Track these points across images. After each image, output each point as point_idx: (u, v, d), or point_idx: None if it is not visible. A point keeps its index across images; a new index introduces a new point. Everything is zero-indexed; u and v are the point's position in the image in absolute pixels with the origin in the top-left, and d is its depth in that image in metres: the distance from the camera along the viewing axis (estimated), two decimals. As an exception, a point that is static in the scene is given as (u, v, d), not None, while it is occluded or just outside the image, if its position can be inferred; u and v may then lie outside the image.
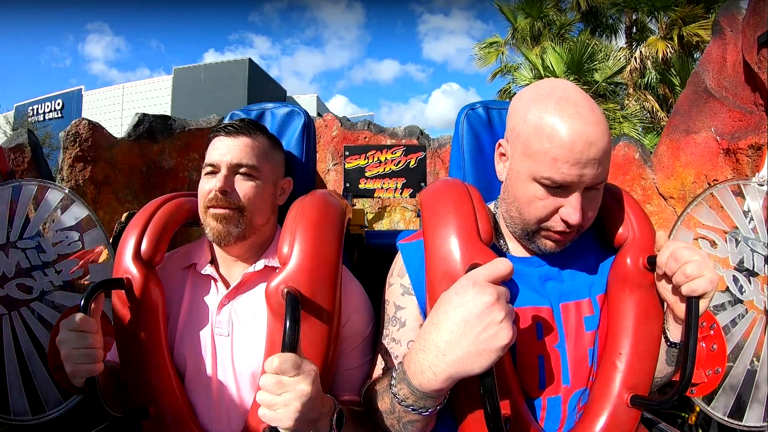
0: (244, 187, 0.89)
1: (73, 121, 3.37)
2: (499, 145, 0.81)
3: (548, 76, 8.41)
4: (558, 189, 0.71)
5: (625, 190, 0.89)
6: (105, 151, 3.52)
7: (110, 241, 1.85)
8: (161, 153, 4.00)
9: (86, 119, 3.36)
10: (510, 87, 10.27)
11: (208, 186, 0.89)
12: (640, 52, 9.23)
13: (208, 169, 0.90)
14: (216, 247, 0.94)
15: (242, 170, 0.89)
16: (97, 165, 3.50)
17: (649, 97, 9.09)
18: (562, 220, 0.72)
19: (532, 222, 0.75)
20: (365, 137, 5.12)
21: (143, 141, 3.84)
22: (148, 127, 3.89)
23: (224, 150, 0.90)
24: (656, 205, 3.44)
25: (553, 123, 0.69)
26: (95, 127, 3.42)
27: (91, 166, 3.46)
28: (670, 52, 8.80)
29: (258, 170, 0.91)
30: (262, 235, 0.94)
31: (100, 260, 1.85)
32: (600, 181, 0.72)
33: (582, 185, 0.70)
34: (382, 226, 5.26)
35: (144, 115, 3.91)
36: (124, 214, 2.21)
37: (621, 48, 9.76)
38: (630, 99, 9.23)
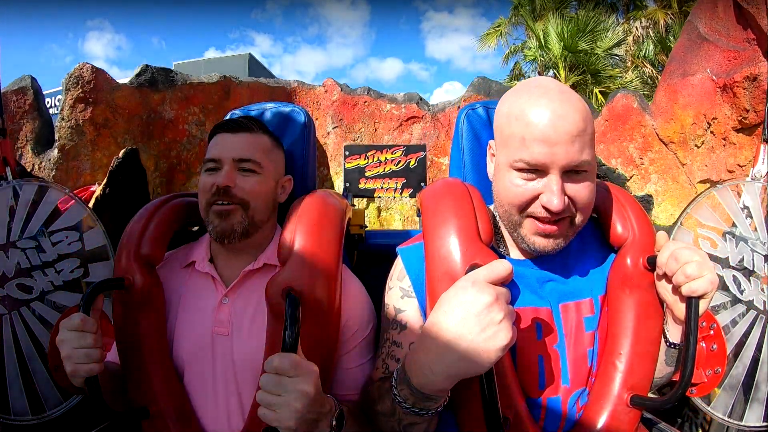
0: (247, 182, 0.89)
1: (77, 64, 3.40)
2: (490, 146, 0.82)
3: (549, 48, 8.65)
4: (533, 173, 0.70)
5: (625, 190, 0.88)
6: (106, 94, 3.56)
7: (106, 177, 1.85)
8: (162, 103, 4.03)
9: (89, 63, 3.38)
10: (519, 65, 11.00)
11: (209, 181, 0.88)
12: (641, 21, 9.52)
13: (210, 165, 0.90)
14: (215, 246, 0.94)
15: (245, 165, 0.89)
16: (98, 107, 3.52)
17: (647, 65, 9.31)
18: (544, 207, 0.71)
19: (514, 211, 0.74)
20: (365, 101, 5.13)
21: (144, 89, 3.88)
22: (150, 77, 3.92)
23: (226, 145, 0.90)
24: (657, 152, 3.44)
25: (521, 106, 0.71)
26: (98, 71, 3.46)
27: (92, 108, 3.48)
28: (670, 19, 9.08)
29: (260, 166, 0.91)
30: (263, 232, 0.94)
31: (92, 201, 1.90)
32: (579, 162, 0.69)
33: (557, 165, 0.68)
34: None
35: (147, 65, 3.94)
36: (122, 151, 2.20)
37: (621, 23, 10.14)
38: (628, 70, 9.49)
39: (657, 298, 0.78)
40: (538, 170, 0.70)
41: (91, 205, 2.06)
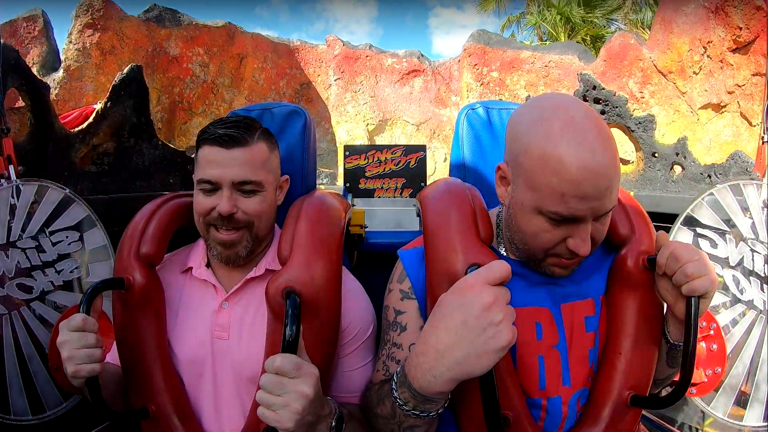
0: (250, 204, 0.84)
1: (89, -5, 3.52)
2: (499, 168, 0.77)
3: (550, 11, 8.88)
4: (565, 221, 0.68)
5: (627, 191, 0.88)
6: (115, 22, 3.77)
7: (109, 92, 1.84)
8: (167, 39, 4.18)
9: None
10: (514, 36, 11.57)
11: (207, 204, 0.83)
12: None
13: (207, 186, 0.84)
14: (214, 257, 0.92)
15: (246, 188, 0.84)
16: (106, 33, 3.69)
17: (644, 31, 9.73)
18: (569, 250, 0.70)
19: (539, 252, 0.73)
20: (366, 55, 5.22)
21: (151, 24, 4.07)
22: (158, 14, 4.06)
23: (223, 166, 0.82)
24: (656, 84, 3.52)
25: (558, 155, 0.64)
26: (107, 2, 3.64)
27: (100, 34, 3.64)
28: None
29: (261, 184, 0.86)
30: (265, 242, 0.93)
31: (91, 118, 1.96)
32: (611, 208, 0.69)
33: (591, 216, 0.68)
34: (383, 139, 5.32)
35: (155, 4, 4.14)
36: (127, 68, 2.18)
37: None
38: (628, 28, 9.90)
39: (657, 298, 0.77)
40: (569, 219, 0.68)
41: (91, 119, 2.06)
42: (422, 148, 2.34)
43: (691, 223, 1.45)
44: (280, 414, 0.62)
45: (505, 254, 0.82)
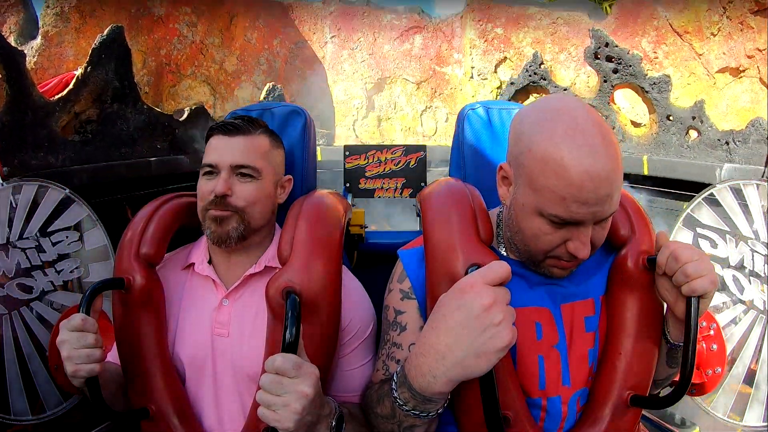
0: (244, 189, 0.88)
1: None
2: (501, 168, 0.76)
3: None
4: (565, 224, 0.68)
5: (626, 192, 0.88)
6: None
7: (89, 56, 1.78)
8: None
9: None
10: None
11: (207, 187, 0.88)
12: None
13: (207, 169, 0.89)
14: (213, 248, 0.93)
15: (243, 171, 0.88)
16: None
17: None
18: (569, 253, 0.70)
19: (539, 254, 0.73)
20: (364, 11, 5.13)
21: None
22: None
23: (223, 150, 0.88)
24: (671, 44, 3.37)
25: (561, 158, 0.64)
26: None
27: None
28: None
29: (258, 171, 0.89)
30: (262, 235, 0.93)
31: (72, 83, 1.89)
32: (611, 213, 0.68)
33: (592, 221, 0.67)
34: (381, 99, 5.20)
35: None
36: (107, 29, 2.11)
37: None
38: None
39: (657, 298, 0.78)
40: (570, 222, 0.68)
41: (71, 86, 2.00)
42: (422, 149, 2.33)
43: (691, 223, 1.46)
44: (280, 414, 0.62)
45: (505, 254, 0.82)
